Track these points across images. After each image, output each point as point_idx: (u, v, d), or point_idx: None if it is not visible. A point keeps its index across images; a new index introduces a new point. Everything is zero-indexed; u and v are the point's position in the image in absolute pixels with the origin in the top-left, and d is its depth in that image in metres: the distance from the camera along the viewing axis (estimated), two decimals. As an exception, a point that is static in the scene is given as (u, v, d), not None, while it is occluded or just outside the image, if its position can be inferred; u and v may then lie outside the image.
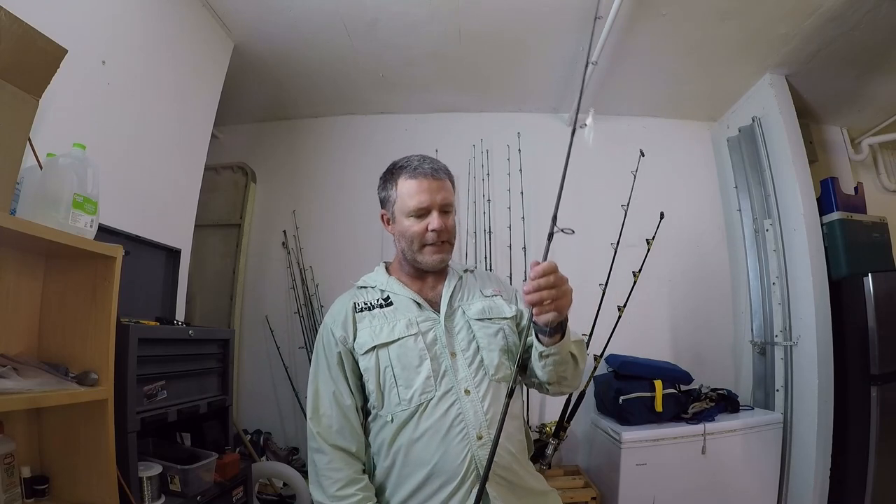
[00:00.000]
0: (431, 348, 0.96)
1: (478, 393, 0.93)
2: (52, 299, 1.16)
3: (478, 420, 0.91)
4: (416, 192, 0.98)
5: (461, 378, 0.94)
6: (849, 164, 2.95)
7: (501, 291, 1.09)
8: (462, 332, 0.99)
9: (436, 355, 0.96)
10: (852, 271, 2.28)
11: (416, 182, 0.99)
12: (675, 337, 2.73)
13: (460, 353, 0.97)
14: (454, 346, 0.97)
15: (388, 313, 1.00)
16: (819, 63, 2.35)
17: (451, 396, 0.92)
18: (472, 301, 1.04)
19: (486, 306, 1.04)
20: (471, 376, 0.94)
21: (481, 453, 0.88)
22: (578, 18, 2.11)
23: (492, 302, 1.05)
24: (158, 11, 1.82)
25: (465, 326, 0.99)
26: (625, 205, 2.28)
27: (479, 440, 0.89)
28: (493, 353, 0.97)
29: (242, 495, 1.64)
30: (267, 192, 3.03)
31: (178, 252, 1.93)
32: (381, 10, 2.11)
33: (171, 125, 1.92)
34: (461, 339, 0.98)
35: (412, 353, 0.95)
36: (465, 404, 0.92)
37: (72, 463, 1.10)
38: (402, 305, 1.01)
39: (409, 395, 0.92)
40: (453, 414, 0.91)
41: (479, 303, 1.04)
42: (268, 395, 2.78)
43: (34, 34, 0.94)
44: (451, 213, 1.02)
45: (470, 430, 0.90)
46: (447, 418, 0.91)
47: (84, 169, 1.08)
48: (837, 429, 2.14)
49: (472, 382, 0.94)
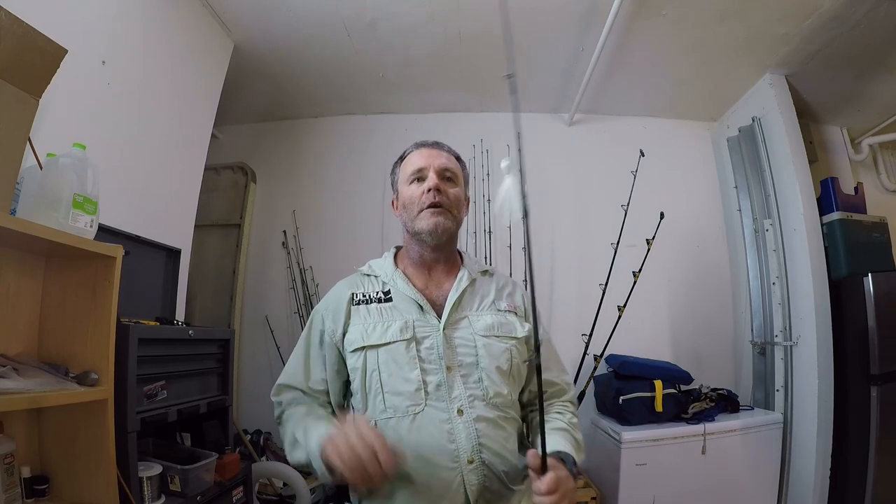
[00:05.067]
0: (426, 358, 0.88)
1: (471, 414, 0.85)
2: (52, 299, 1.16)
3: (470, 443, 0.83)
4: (416, 160, 0.99)
5: (455, 396, 0.86)
6: (849, 164, 2.94)
7: (517, 308, 1.00)
8: (464, 346, 0.90)
9: (429, 366, 0.88)
10: (852, 271, 2.28)
11: (416, 152, 1.01)
12: (675, 337, 2.73)
13: (457, 368, 0.88)
14: (452, 359, 0.89)
15: (384, 310, 0.94)
16: (819, 63, 2.35)
17: (443, 413, 0.85)
18: (482, 312, 0.96)
19: (497, 322, 0.94)
20: (465, 395, 0.87)
21: (472, 478, 0.83)
22: (578, 18, 2.11)
23: (504, 318, 0.96)
24: (158, 11, 1.82)
25: (468, 340, 0.91)
26: (625, 205, 2.28)
27: (471, 464, 0.83)
28: (494, 375, 0.89)
29: (242, 495, 1.64)
30: (267, 192, 3.03)
31: (178, 252, 1.93)
32: (380, 10, 2.11)
33: (171, 125, 1.92)
34: (462, 353, 0.90)
35: (402, 360, 0.88)
36: (457, 425, 0.84)
37: (72, 463, 1.10)
38: (402, 304, 0.94)
39: (394, 403, 0.86)
40: (444, 432, 0.84)
41: (490, 317, 0.95)
42: (268, 395, 2.72)
43: (34, 34, 0.94)
44: (454, 181, 0.98)
45: (461, 454, 0.83)
46: (436, 436, 0.84)
47: (84, 169, 1.08)
48: (837, 429, 2.13)
49: (465, 402, 0.86)
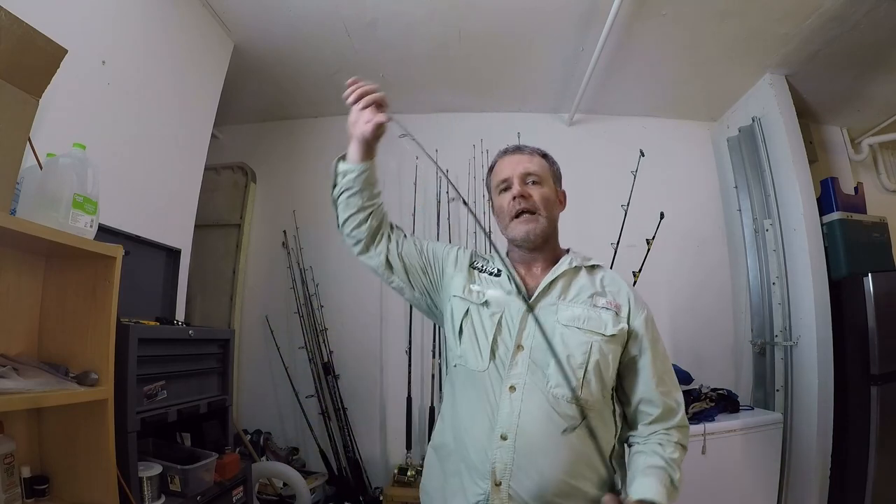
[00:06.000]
0: (504, 330, 0.90)
1: (521, 395, 0.84)
2: (52, 299, 1.16)
3: (511, 419, 0.82)
4: (500, 170, 1.03)
5: (515, 373, 0.86)
6: (849, 164, 2.94)
7: (619, 307, 0.93)
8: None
9: (503, 338, 0.90)
10: (852, 271, 2.28)
11: (500, 162, 1.05)
12: (675, 337, 2.72)
13: (529, 349, 0.88)
14: (524, 339, 0.89)
15: (492, 281, 0.98)
16: (819, 63, 2.35)
17: (496, 385, 0.86)
18: (574, 303, 0.92)
19: (586, 315, 0.90)
20: (525, 374, 0.86)
21: (500, 454, 0.81)
22: (578, 18, 2.11)
23: (596, 313, 0.91)
24: (158, 11, 1.82)
25: (548, 326, 0.88)
26: (625, 205, 2.27)
27: (504, 440, 0.82)
28: (563, 365, 0.84)
29: (242, 495, 1.64)
30: (267, 192, 3.03)
31: (178, 252, 1.93)
32: (380, 10, 2.11)
33: (171, 125, 1.92)
34: (538, 337, 0.87)
35: (486, 322, 0.92)
36: (502, 399, 0.85)
37: (72, 463, 1.10)
38: (505, 282, 0.97)
39: (465, 353, 0.92)
40: (489, 401, 0.86)
41: (580, 309, 0.91)
42: (268, 395, 2.78)
43: (34, 34, 0.94)
44: (540, 184, 0.99)
45: (496, 427, 0.83)
46: (483, 402, 0.87)
47: (84, 169, 1.08)
48: (837, 429, 2.13)
49: (521, 381, 0.85)
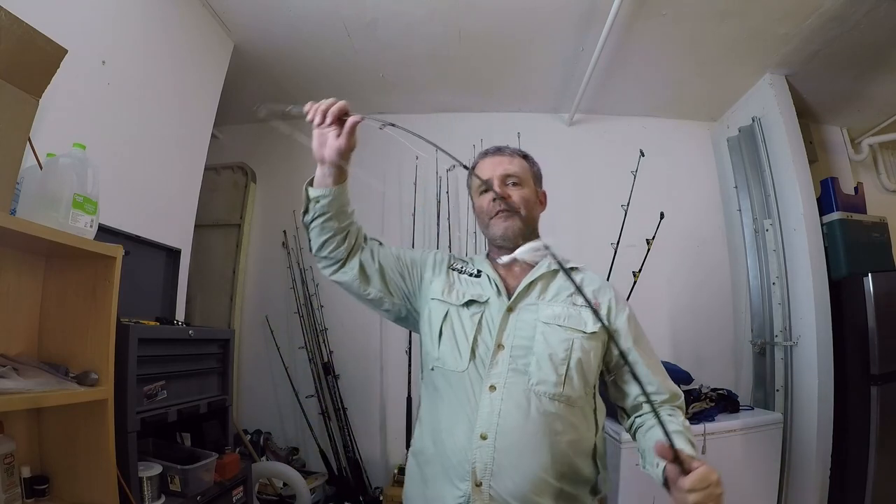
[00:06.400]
0: (485, 330, 0.91)
1: (503, 392, 0.84)
2: (52, 299, 1.16)
3: (491, 419, 0.82)
4: (481, 171, 1.04)
5: (495, 373, 0.86)
6: (849, 164, 2.94)
7: (600, 307, 0.95)
8: (522, 330, 0.89)
9: (484, 337, 0.90)
10: (852, 271, 2.28)
11: (481, 163, 1.06)
12: (675, 337, 2.72)
13: (509, 348, 0.88)
14: (505, 338, 0.89)
15: (471, 282, 0.99)
16: (819, 63, 2.35)
17: (476, 385, 0.86)
18: (554, 303, 0.93)
19: (566, 313, 0.91)
20: (505, 374, 0.85)
21: (480, 454, 0.80)
22: (578, 18, 2.11)
23: (576, 311, 0.91)
24: (158, 11, 1.82)
25: (528, 324, 0.90)
26: (625, 205, 2.27)
27: (483, 440, 0.81)
28: (545, 363, 0.85)
29: (242, 495, 1.64)
30: (267, 192, 3.03)
31: (178, 252, 1.93)
32: (380, 10, 2.11)
33: (171, 125, 1.92)
34: (518, 335, 0.89)
35: (466, 322, 0.92)
36: (482, 398, 0.84)
37: (72, 463, 1.10)
38: (486, 283, 0.98)
39: (444, 354, 0.91)
40: (469, 402, 0.85)
41: (560, 308, 0.92)
42: (268, 395, 2.78)
43: (34, 34, 0.94)
44: (520, 185, 1.02)
45: (475, 427, 0.82)
46: (462, 402, 0.86)
47: (84, 169, 1.08)
48: (837, 429, 2.13)
49: (501, 381, 0.85)
